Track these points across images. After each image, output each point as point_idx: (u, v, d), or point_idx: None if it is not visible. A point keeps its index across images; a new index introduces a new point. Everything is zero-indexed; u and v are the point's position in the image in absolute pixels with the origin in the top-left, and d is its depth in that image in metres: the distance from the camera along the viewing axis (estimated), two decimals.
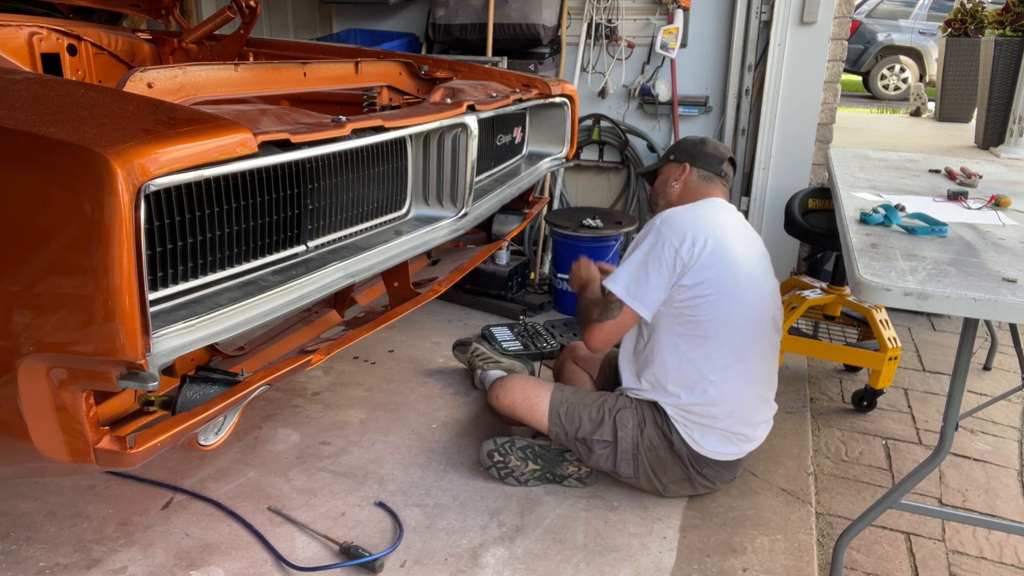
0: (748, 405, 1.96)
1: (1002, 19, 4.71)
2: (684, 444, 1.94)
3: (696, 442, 1.93)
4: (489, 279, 3.40)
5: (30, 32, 2.05)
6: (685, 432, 1.93)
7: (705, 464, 1.96)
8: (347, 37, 4.04)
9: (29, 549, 1.80)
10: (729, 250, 1.89)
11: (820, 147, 3.64)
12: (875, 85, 10.35)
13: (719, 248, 1.88)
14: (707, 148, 2.11)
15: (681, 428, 1.94)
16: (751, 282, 1.93)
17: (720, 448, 1.94)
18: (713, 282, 1.86)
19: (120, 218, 0.99)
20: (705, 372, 1.90)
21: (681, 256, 1.86)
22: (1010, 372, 3.01)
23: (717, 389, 1.90)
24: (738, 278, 1.89)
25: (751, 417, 1.97)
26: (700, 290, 1.86)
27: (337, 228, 1.62)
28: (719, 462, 1.97)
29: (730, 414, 1.92)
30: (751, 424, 1.97)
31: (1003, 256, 1.57)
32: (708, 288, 1.86)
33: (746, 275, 1.91)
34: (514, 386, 2.07)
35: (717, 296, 1.87)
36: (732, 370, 1.91)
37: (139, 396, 1.37)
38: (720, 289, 1.87)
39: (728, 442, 1.95)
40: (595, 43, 3.76)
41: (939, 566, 1.91)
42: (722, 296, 1.87)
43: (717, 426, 1.92)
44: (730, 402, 1.92)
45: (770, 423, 2.06)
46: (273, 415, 2.45)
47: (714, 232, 1.89)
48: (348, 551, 1.79)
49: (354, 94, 2.33)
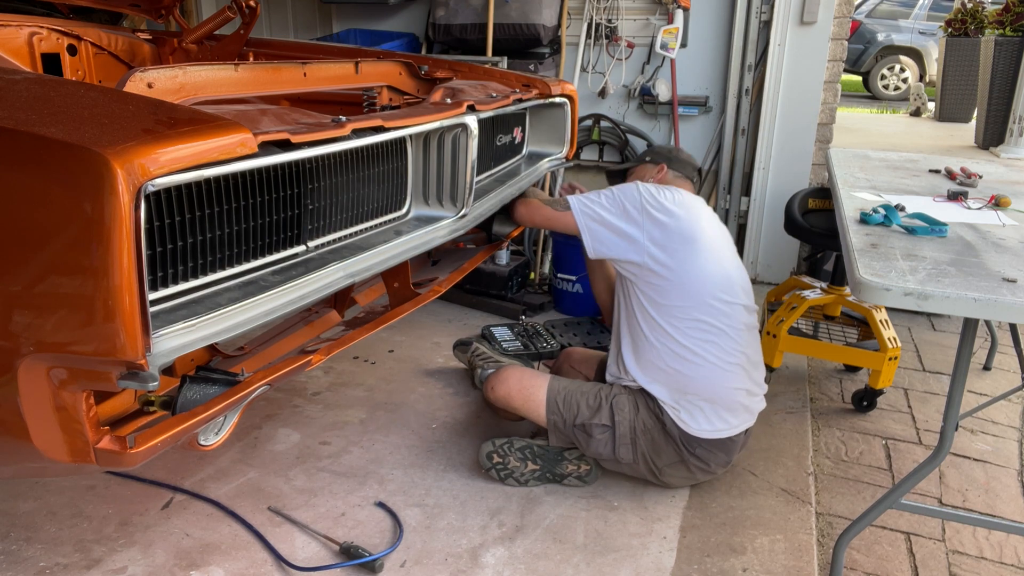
0: (728, 378, 1.96)
1: (1002, 19, 4.71)
2: (675, 425, 1.96)
3: (685, 423, 1.95)
4: (489, 279, 3.40)
5: (30, 32, 2.05)
6: (673, 413, 1.96)
7: (697, 444, 1.97)
8: (347, 37, 4.04)
9: (29, 549, 1.80)
10: (700, 224, 1.97)
11: (820, 147, 3.64)
12: (875, 85, 10.36)
13: (693, 223, 1.95)
14: (682, 155, 2.27)
15: (670, 410, 1.96)
16: (719, 259, 1.98)
17: (708, 426, 1.95)
18: (681, 256, 1.92)
19: (120, 218, 0.99)
20: (680, 352, 1.93)
21: (652, 213, 1.94)
22: (1010, 372, 3.01)
23: (693, 366, 1.93)
24: (706, 251, 1.95)
25: (734, 394, 1.97)
26: (671, 264, 1.92)
27: (337, 228, 1.62)
28: (711, 441, 1.97)
29: (712, 390, 1.94)
30: (735, 400, 1.98)
31: (1003, 256, 1.57)
32: (678, 263, 1.92)
33: (714, 252, 1.97)
34: (509, 376, 2.08)
35: (685, 272, 1.93)
36: (708, 347, 1.93)
37: (139, 396, 1.37)
38: (688, 264, 1.92)
39: (718, 418, 1.96)
40: (595, 43, 3.77)
41: (939, 566, 1.91)
42: (691, 272, 1.93)
43: (702, 405, 1.94)
44: (709, 379, 1.93)
45: (761, 402, 2.07)
46: (273, 415, 2.45)
47: (687, 207, 1.98)
48: (348, 551, 1.79)
49: (354, 94, 2.33)
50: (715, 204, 3.78)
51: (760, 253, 3.83)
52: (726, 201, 3.79)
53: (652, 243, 1.94)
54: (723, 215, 3.79)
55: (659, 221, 1.94)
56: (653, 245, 1.93)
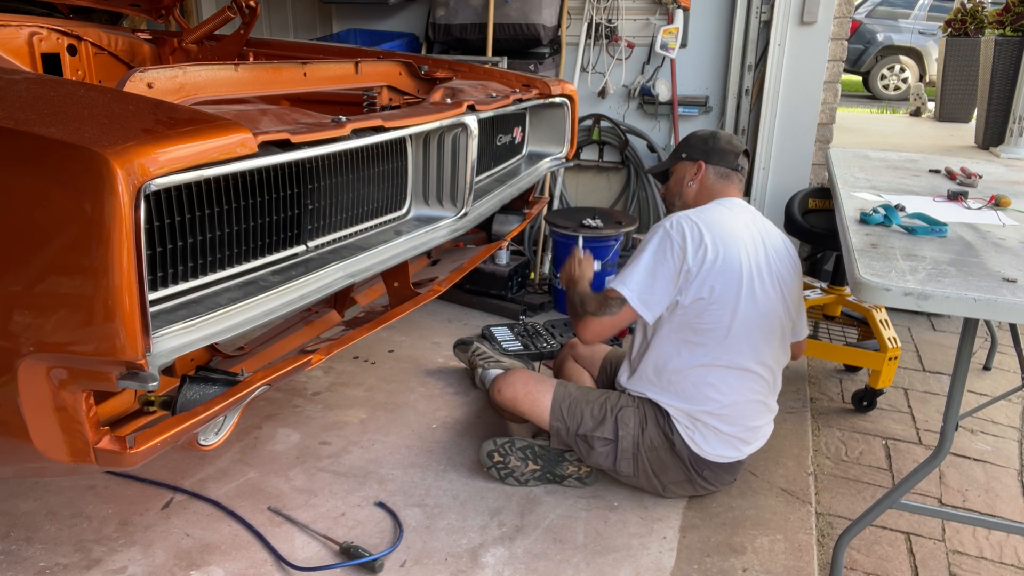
0: (751, 411, 1.95)
1: (1002, 19, 4.71)
2: (685, 446, 1.94)
3: (698, 445, 1.93)
4: (489, 279, 3.40)
5: (30, 32, 2.05)
6: (687, 434, 1.93)
7: (706, 467, 1.96)
8: (347, 37, 4.04)
9: (29, 549, 1.80)
10: (737, 259, 1.85)
11: (820, 147, 3.64)
12: (875, 85, 10.35)
13: (728, 258, 1.84)
14: (720, 143, 2.05)
15: (683, 430, 1.93)
16: (758, 292, 1.88)
17: (722, 452, 1.94)
18: (718, 293, 1.84)
19: (120, 218, 0.99)
20: (708, 379, 1.89)
21: (688, 262, 1.83)
22: (1010, 372, 3.01)
23: (719, 396, 1.89)
24: (744, 288, 1.85)
25: (753, 422, 1.97)
26: (705, 300, 1.85)
27: (337, 228, 1.62)
28: (720, 464, 1.97)
29: (732, 420, 1.92)
30: (752, 428, 1.97)
31: (1003, 256, 1.57)
32: (713, 298, 1.84)
33: (753, 285, 1.87)
34: (516, 380, 2.07)
35: (720, 307, 1.85)
36: (735, 378, 1.90)
37: (139, 396, 1.37)
38: (725, 300, 1.85)
39: (730, 446, 1.94)
40: (595, 43, 3.76)
41: (939, 566, 1.91)
42: (726, 306, 1.85)
43: (719, 430, 1.92)
44: (732, 409, 1.91)
45: (771, 426, 2.06)
46: (273, 415, 2.45)
47: (724, 239, 1.85)
48: (348, 551, 1.79)
49: (354, 94, 2.33)
50: None
51: None
52: None
53: (691, 291, 1.85)
54: None
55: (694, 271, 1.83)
56: (692, 293, 1.85)
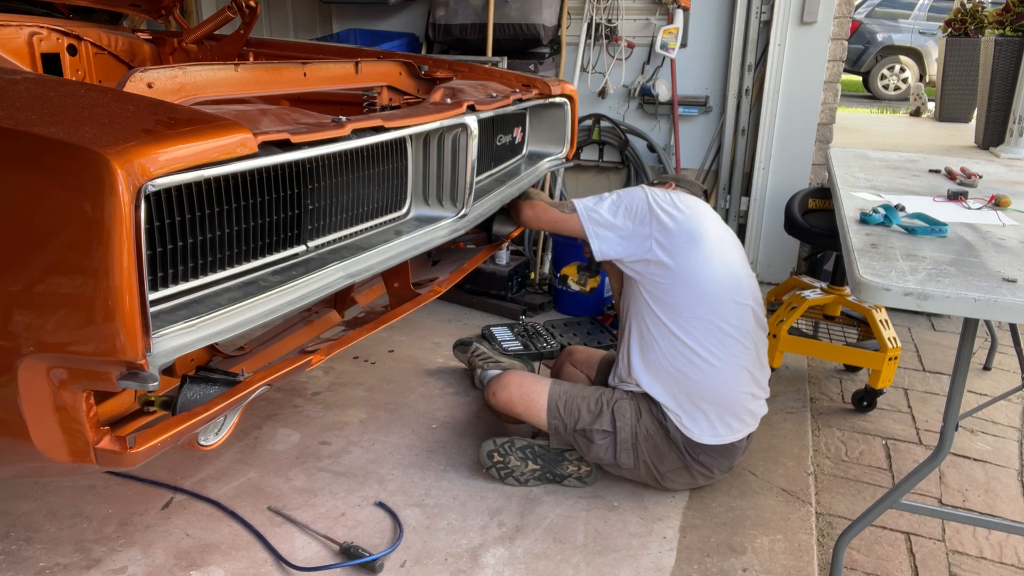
0: (735, 384, 1.96)
1: (1002, 19, 4.71)
2: (678, 431, 1.95)
3: (688, 429, 1.94)
4: (489, 279, 3.40)
5: (30, 32, 2.05)
6: (676, 419, 1.95)
7: (700, 451, 1.97)
8: (347, 37, 4.04)
9: (29, 549, 1.80)
10: (705, 225, 1.97)
11: (820, 147, 3.64)
12: (875, 85, 10.36)
13: (698, 223, 1.96)
14: (689, 177, 2.35)
15: (672, 416, 1.95)
16: (725, 260, 1.97)
17: (712, 432, 1.95)
18: (685, 256, 1.92)
19: (120, 218, 0.99)
20: (686, 354, 1.93)
21: (656, 213, 1.95)
22: (1010, 372, 3.01)
23: (699, 369, 1.92)
24: (712, 251, 1.94)
25: (739, 398, 1.97)
26: (674, 265, 1.92)
27: (337, 228, 1.61)
28: (714, 447, 1.97)
29: (717, 395, 1.94)
30: (740, 405, 1.98)
31: (1003, 256, 1.57)
32: (682, 263, 1.92)
33: (720, 252, 1.96)
34: (511, 382, 2.08)
35: (691, 272, 1.92)
36: (713, 342, 1.93)
37: (139, 396, 1.37)
38: (693, 264, 1.92)
39: (722, 424, 1.96)
40: (595, 43, 3.77)
41: (939, 566, 1.91)
42: (696, 271, 1.92)
43: (705, 409, 1.94)
44: (715, 382, 1.93)
45: (764, 406, 2.06)
46: (273, 415, 2.45)
47: (691, 207, 1.99)
48: (348, 551, 1.79)
49: (354, 94, 2.33)
50: (715, 204, 3.78)
51: (760, 253, 3.83)
52: (726, 201, 3.79)
53: (656, 244, 1.93)
54: (723, 215, 3.79)
55: (663, 221, 1.94)
56: (657, 245, 1.93)
